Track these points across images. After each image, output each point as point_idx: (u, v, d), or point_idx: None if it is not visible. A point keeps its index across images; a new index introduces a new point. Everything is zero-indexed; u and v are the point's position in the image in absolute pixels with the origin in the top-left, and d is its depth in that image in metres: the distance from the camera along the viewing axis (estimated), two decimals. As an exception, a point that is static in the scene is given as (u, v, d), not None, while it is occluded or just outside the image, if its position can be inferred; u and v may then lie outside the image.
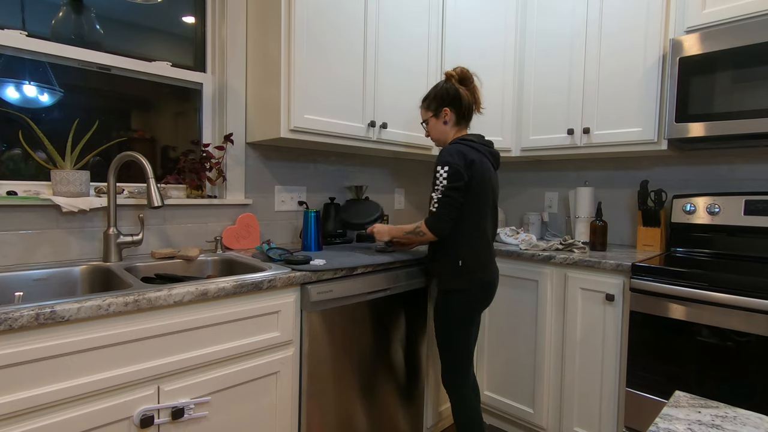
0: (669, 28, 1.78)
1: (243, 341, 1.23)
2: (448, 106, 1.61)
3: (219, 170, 1.80)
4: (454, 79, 1.62)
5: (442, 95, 1.62)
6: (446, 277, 1.53)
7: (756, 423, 0.57)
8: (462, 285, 1.51)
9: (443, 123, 1.63)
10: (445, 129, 1.63)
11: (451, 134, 1.64)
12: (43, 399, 0.91)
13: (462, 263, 1.50)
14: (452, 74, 1.63)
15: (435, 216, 1.49)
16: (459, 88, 1.60)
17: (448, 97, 1.61)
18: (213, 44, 1.85)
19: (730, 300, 1.40)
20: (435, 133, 1.67)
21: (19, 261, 1.37)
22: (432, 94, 1.65)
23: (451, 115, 1.61)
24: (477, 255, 1.52)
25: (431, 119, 1.66)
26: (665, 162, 2.11)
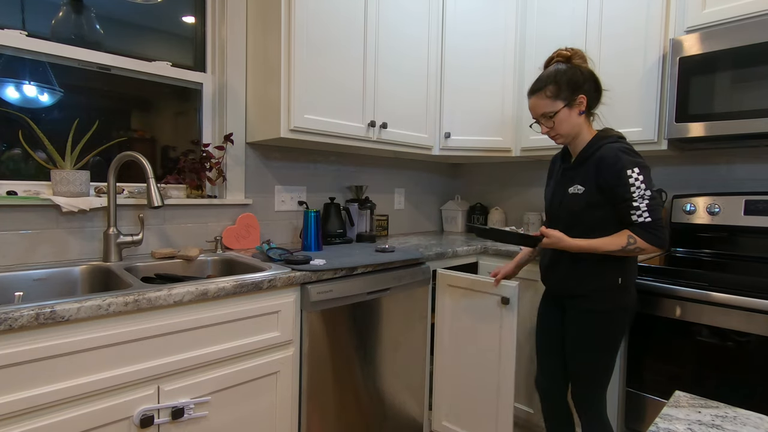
0: (669, 28, 1.78)
1: (243, 341, 1.23)
2: (584, 92, 1.32)
3: (219, 170, 1.80)
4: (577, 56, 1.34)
5: (576, 79, 1.31)
6: (600, 296, 1.32)
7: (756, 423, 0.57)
8: (622, 303, 1.31)
9: (579, 113, 1.34)
10: (579, 121, 1.35)
11: (585, 127, 1.37)
12: (43, 399, 0.91)
13: (622, 280, 1.30)
14: (573, 51, 1.35)
15: (654, 224, 1.22)
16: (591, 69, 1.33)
17: (584, 81, 1.32)
18: (213, 44, 1.85)
19: (730, 300, 1.40)
20: (567, 127, 1.35)
21: (19, 261, 1.37)
22: (561, 78, 1.32)
23: (585, 105, 1.33)
24: (635, 271, 1.35)
25: (562, 111, 1.33)
26: (665, 162, 2.11)
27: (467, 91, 2.24)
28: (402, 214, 2.64)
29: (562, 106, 1.33)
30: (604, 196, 1.29)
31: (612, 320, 1.32)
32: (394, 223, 2.60)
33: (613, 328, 1.33)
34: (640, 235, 1.24)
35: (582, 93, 1.33)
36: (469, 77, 2.24)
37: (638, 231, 1.24)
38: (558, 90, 1.33)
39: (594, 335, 1.34)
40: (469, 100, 2.25)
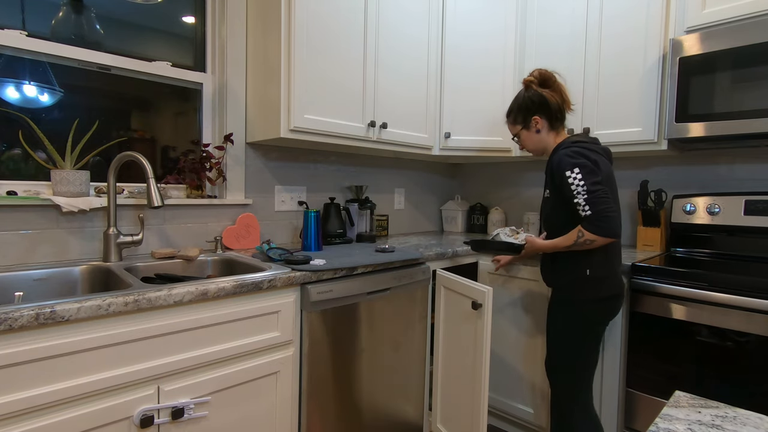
0: (669, 28, 1.78)
1: (243, 341, 1.23)
2: (536, 114, 1.53)
3: (219, 170, 1.80)
4: (534, 84, 1.54)
5: (527, 105, 1.54)
6: (570, 287, 1.44)
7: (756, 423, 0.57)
8: (593, 295, 1.40)
9: (536, 132, 1.54)
10: (540, 138, 1.55)
11: (550, 140, 1.54)
12: (43, 399, 0.91)
13: (590, 272, 1.39)
14: (531, 80, 1.55)
15: (595, 215, 1.31)
16: (542, 92, 1.51)
17: (534, 105, 1.53)
18: (213, 44, 1.85)
19: (730, 300, 1.40)
20: (531, 144, 1.58)
21: (19, 261, 1.37)
22: (515, 106, 1.58)
23: (542, 123, 1.53)
24: (608, 263, 1.40)
25: (522, 132, 1.58)
26: (665, 162, 2.11)
27: (467, 91, 2.25)
28: (402, 214, 2.64)
29: (521, 128, 1.59)
30: (562, 197, 1.41)
31: (584, 310, 1.42)
32: (394, 223, 2.60)
33: (586, 318, 1.42)
34: (586, 227, 1.35)
35: (535, 115, 1.53)
36: (469, 77, 2.24)
37: (585, 224, 1.35)
38: (515, 117, 1.60)
39: (565, 325, 1.45)
40: (469, 100, 2.25)
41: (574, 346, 1.45)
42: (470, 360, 1.66)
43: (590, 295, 1.41)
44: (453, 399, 1.78)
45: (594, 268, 1.40)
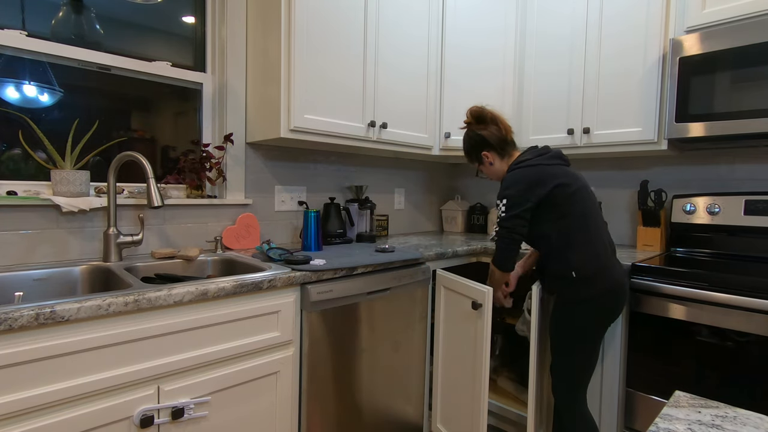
0: (669, 28, 1.78)
1: (243, 341, 1.23)
2: (483, 149, 1.63)
3: (219, 170, 1.80)
4: (472, 125, 1.66)
5: (471, 145, 1.66)
6: (561, 290, 1.46)
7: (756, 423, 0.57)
8: (579, 296, 1.42)
9: (489, 164, 1.64)
10: (495, 168, 1.64)
11: (504, 167, 1.63)
12: (43, 399, 0.91)
13: (576, 273, 1.41)
14: (468, 121, 1.67)
15: (498, 253, 1.54)
16: (479, 131, 1.62)
17: (477, 144, 1.64)
18: (213, 44, 1.85)
19: (730, 300, 1.40)
20: (491, 174, 1.68)
21: (19, 261, 1.37)
22: (466, 148, 1.70)
23: (492, 155, 1.63)
24: (593, 261, 1.41)
25: (480, 167, 1.69)
26: (665, 162, 2.11)
27: (467, 91, 2.24)
28: (402, 214, 2.64)
29: (478, 165, 1.70)
30: None
31: (577, 311, 1.43)
32: (394, 223, 2.60)
33: (581, 319, 1.43)
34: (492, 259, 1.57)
35: (481, 151, 1.64)
36: (469, 76, 2.24)
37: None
38: (469, 157, 1.71)
39: (565, 327, 1.47)
40: (469, 100, 2.23)
41: (569, 348, 1.46)
42: (470, 360, 1.66)
43: (581, 296, 1.42)
44: (453, 399, 1.78)
45: (578, 269, 1.41)
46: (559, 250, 1.44)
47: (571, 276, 1.41)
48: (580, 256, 1.42)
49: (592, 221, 1.45)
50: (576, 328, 1.44)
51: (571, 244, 1.42)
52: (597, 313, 1.42)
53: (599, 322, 1.43)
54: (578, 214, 1.43)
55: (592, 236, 1.43)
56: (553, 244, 1.45)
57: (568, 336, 1.45)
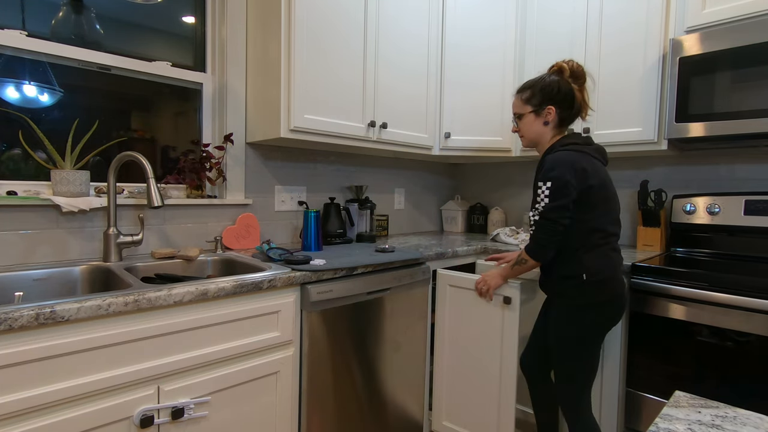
0: (669, 28, 1.78)
1: (243, 341, 1.23)
2: (555, 104, 1.39)
3: (219, 170, 1.80)
4: (566, 72, 1.41)
5: (551, 90, 1.39)
6: (570, 292, 1.38)
7: (756, 423, 0.57)
8: (589, 299, 1.35)
9: (543, 123, 1.42)
10: (543, 130, 1.43)
11: (548, 137, 1.44)
12: (43, 399, 0.91)
13: (587, 276, 1.33)
14: (565, 67, 1.41)
15: (533, 242, 1.36)
16: (572, 85, 1.40)
17: (558, 94, 1.39)
18: (213, 44, 1.85)
19: (730, 300, 1.40)
20: (530, 132, 1.45)
21: (19, 261, 1.37)
22: (537, 84, 1.42)
23: (554, 116, 1.40)
24: (606, 265, 1.35)
25: (529, 115, 1.44)
26: (665, 162, 2.11)
27: (467, 89, 2.24)
28: (402, 214, 2.64)
29: (530, 111, 1.44)
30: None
31: (583, 315, 1.37)
32: (394, 223, 2.60)
33: (585, 324, 1.37)
34: (526, 246, 1.40)
35: (551, 105, 1.41)
36: (469, 75, 2.24)
37: (527, 243, 1.40)
38: (531, 96, 1.44)
39: (568, 331, 1.40)
40: (469, 99, 2.25)
41: (574, 353, 1.40)
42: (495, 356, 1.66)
43: (588, 300, 1.36)
44: (465, 394, 1.79)
45: (590, 272, 1.34)
46: (575, 249, 1.35)
47: (582, 278, 1.34)
48: (595, 259, 1.35)
49: (612, 228, 1.38)
50: (581, 332, 1.37)
51: (588, 246, 1.35)
52: (602, 319, 1.37)
53: (603, 327, 1.38)
54: (603, 216, 1.36)
55: (610, 242, 1.37)
56: (569, 242, 1.36)
57: (573, 340, 1.39)
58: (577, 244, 1.35)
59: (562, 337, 1.41)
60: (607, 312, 1.37)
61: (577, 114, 1.44)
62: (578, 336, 1.38)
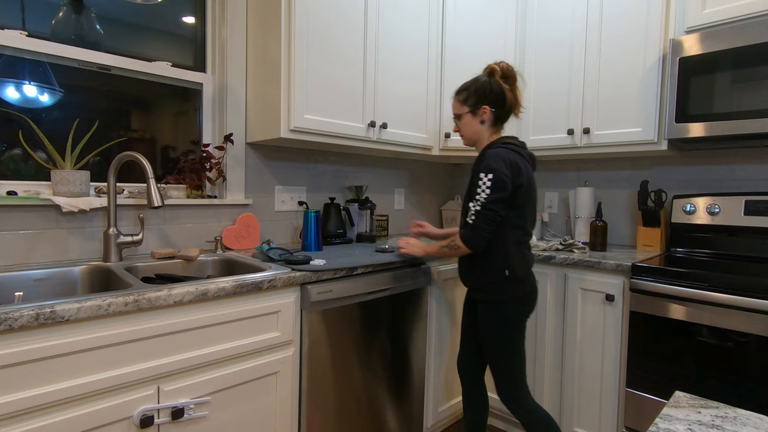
0: (669, 29, 1.78)
1: (243, 341, 1.23)
2: (488, 103, 1.47)
3: (219, 170, 1.80)
4: (497, 74, 1.49)
5: (484, 90, 1.47)
6: (491, 288, 1.43)
7: (756, 423, 0.57)
8: (514, 294, 1.42)
9: (480, 122, 1.49)
10: (480, 129, 1.50)
11: (486, 135, 1.51)
12: (43, 399, 0.91)
13: (509, 272, 1.41)
14: (496, 68, 1.49)
15: (472, 229, 1.38)
16: (503, 85, 1.47)
17: (491, 94, 1.47)
18: (213, 44, 1.85)
19: (730, 300, 1.40)
20: (468, 131, 1.52)
21: (19, 261, 1.37)
22: (472, 86, 1.50)
23: (489, 115, 1.48)
24: (525, 261, 1.44)
25: (466, 115, 1.51)
26: (665, 162, 2.11)
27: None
28: (402, 214, 2.64)
29: (467, 111, 1.51)
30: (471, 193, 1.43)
31: (506, 310, 1.43)
32: (394, 223, 2.60)
33: (509, 318, 1.43)
34: (462, 234, 1.41)
35: (486, 104, 1.47)
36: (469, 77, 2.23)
37: (462, 231, 1.42)
38: (467, 97, 1.51)
39: (493, 326, 1.45)
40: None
41: (503, 347, 1.44)
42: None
43: (510, 294, 1.42)
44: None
45: (512, 268, 1.41)
46: (500, 244, 1.41)
47: (505, 274, 1.41)
48: (517, 256, 1.42)
49: (530, 228, 1.47)
50: (507, 326, 1.44)
51: (511, 242, 1.42)
52: (521, 313, 1.45)
53: (523, 321, 1.46)
54: (526, 215, 1.43)
55: (527, 240, 1.47)
56: (498, 238, 1.41)
57: (501, 335, 1.44)
58: (502, 239, 1.41)
59: (491, 333, 1.46)
60: (525, 306, 1.45)
61: (510, 112, 1.51)
62: (505, 330, 1.44)
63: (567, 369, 1.81)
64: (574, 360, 1.78)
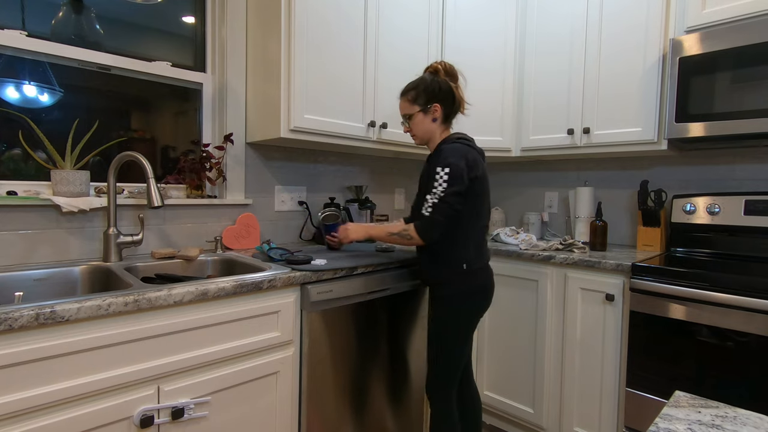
0: (669, 28, 1.78)
1: (243, 341, 1.23)
2: (439, 102, 1.48)
3: (219, 170, 1.80)
4: (441, 72, 1.51)
5: (433, 89, 1.48)
6: (449, 281, 1.44)
7: (756, 423, 0.57)
8: (466, 289, 1.43)
9: (432, 120, 1.50)
10: (432, 127, 1.51)
11: (438, 133, 1.52)
12: (43, 399, 0.91)
13: (467, 266, 1.42)
14: (439, 67, 1.51)
15: (428, 221, 1.38)
16: (450, 83, 1.50)
17: (441, 92, 1.48)
18: (213, 44, 1.85)
19: (730, 300, 1.40)
20: (420, 130, 1.52)
21: (19, 261, 1.37)
22: (420, 86, 1.49)
23: (440, 113, 1.49)
24: (480, 256, 1.46)
25: (418, 114, 1.50)
26: (665, 162, 2.11)
27: (467, 91, 2.23)
28: (402, 214, 2.64)
29: (418, 110, 1.50)
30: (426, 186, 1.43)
31: (459, 303, 1.44)
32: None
33: (460, 311, 1.44)
34: (417, 225, 1.40)
35: (437, 102, 1.48)
36: (469, 76, 2.23)
37: (418, 223, 1.40)
38: (416, 96, 1.50)
39: (444, 318, 1.45)
40: (469, 100, 2.23)
41: (445, 338, 1.46)
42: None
43: (465, 289, 1.43)
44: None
45: (469, 262, 1.42)
46: (458, 237, 1.42)
47: (462, 267, 1.42)
48: (474, 249, 1.44)
49: (486, 220, 1.49)
50: (455, 319, 1.44)
51: (469, 235, 1.43)
52: (475, 308, 1.46)
53: (475, 316, 1.47)
54: (479, 211, 1.45)
55: (484, 233, 1.49)
56: (455, 231, 1.41)
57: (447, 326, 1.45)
58: (462, 233, 1.42)
59: (440, 325, 1.46)
60: (479, 301, 1.46)
61: (458, 109, 1.54)
62: (452, 323, 1.44)
63: (567, 369, 1.81)
64: (574, 360, 1.78)
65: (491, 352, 2.07)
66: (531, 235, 2.10)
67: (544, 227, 2.51)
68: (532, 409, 1.92)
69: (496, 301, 2.05)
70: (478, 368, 2.12)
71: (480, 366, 2.11)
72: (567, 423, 1.81)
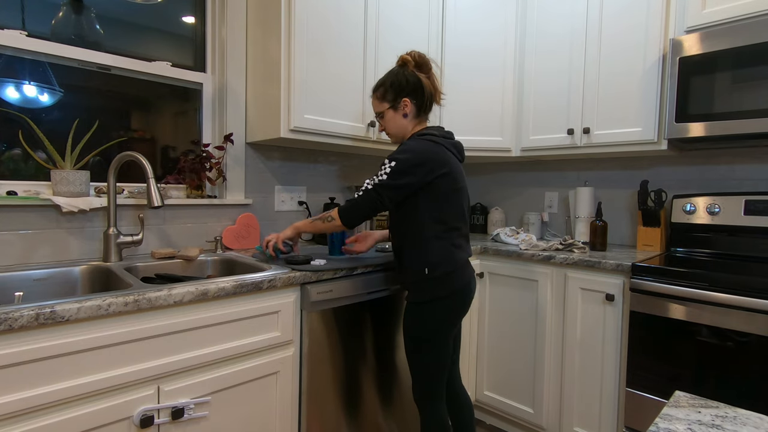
0: (669, 28, 1.78)
1: (243, 341, 1.23)
2: (407, 96, 1.41)
3: (219, 170, 1.80)
4: (410, 64, 1.44)
5: (400, 84, 1.41)
6: (414, 287, 1.36)
7: (756, 423, 0.57)
8: (432, 295, 1.34)
9: (402, 116, 1.43)
10: (404, 123, 1.44)
11: (410, 128, 1.45)
12: (43, 399, 0.91)
13: (429, 270, 1.33)
14: (408, 59, 1.44)
15: (352, 204, 1.34)
16: (419, 75, 1.42)
17: (408, 86, 1.41)
18: (213, 44, 1.85)
19: (730, 300, 1.40)
20: (393, 127, 1.46)
21: (19, 261, 1.37)
22: (387, 81, 1.44)
23: (411, 107, 1.42)
24: (448, 261, 1.34)
25: (388, 111, 1.45)
26: (665, 162, 2.11)
27: (467, 91, 2.24)
28: (402, 214, 2.64)
29: (388, 107, 1.44)
30: None
31: (425, 311, 1.35)
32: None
33: (427, 319, 1.35)
34: (341, 207, 1.37)
35: (405, 97, 1.42)
36: (468, 76, 2.24)
37: (343, 204, 1.38)
38: (385, 92, 1.44)
39: (411, 326, 1.38)
40: (469, 100, 2.25)
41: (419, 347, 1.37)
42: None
43: (431, 295, 1.34)
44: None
45: (431, 267, 1.33)
46: (420, 240, 1.34)
47: (425, 273, 1.33)
48: (437, 253, 1.34)
49: (456, 222, 1.38)
50: (424, 327, 1.35)
51: (431, 237, 1.34)
52: (444, 315, 1.35)
53: (445, 323, 1.36)
54: (448, 209, 1.35)
55: (451, 236, 1.37)
56: (417, 234, 1.34)
57: (417, 335, 1.37)
58: (419, 235, 1.34)
59: (409, 331, 1.39)
60: (448, 308, 1.35)
61: (432, 101, 1.46)
62: (421, 331, 1.36)
63: (567, 369, 1.81)
64: (574, 360, 1.78)
65: (491, 352, 2.07)
66: (531, 235, 2.10)
67: (544, 227, 2.51)
68: (532, 409, 1.92)
69: (497, 301, 2.05)
70: (478, 368, 2.12)
71: (480, 366, 2.11)
72: (567, 423, 1.81)
